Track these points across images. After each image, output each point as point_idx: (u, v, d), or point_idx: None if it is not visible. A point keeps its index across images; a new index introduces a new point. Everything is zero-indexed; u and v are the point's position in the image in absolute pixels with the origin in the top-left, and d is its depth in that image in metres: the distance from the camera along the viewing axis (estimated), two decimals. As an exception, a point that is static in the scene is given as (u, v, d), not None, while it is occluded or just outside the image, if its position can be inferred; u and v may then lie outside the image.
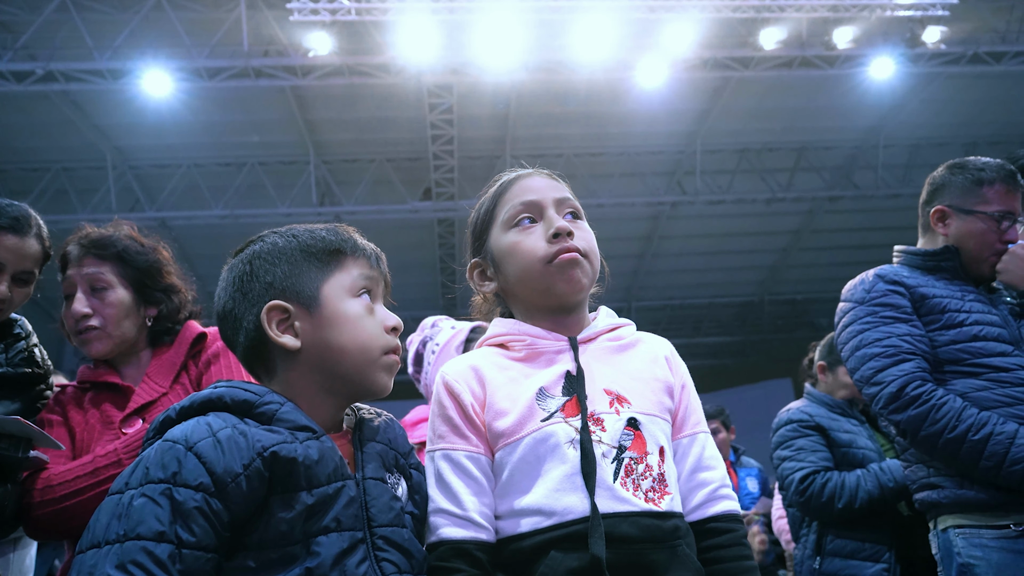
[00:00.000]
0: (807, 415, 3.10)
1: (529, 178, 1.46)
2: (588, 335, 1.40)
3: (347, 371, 1.25)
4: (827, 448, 3.00)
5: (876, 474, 2.81)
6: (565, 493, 1.22)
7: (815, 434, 3.03)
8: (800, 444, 2.95)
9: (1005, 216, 2.26)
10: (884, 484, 2.78)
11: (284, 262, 1.27)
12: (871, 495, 2.75)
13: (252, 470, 1.08)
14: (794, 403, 3.30)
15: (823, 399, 3.23)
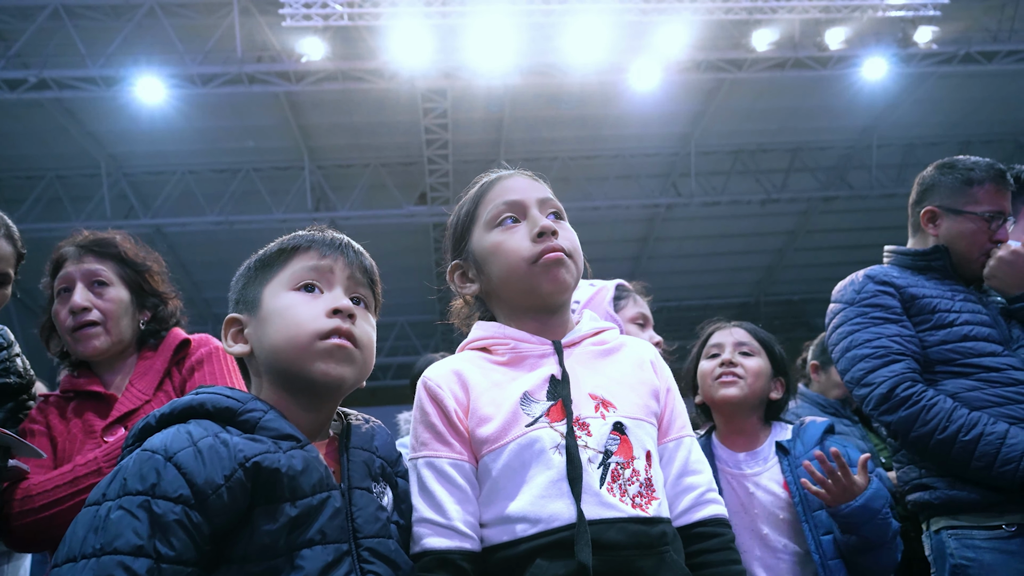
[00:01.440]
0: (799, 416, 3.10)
1: (511, 178, 1.45)
2: (572, 339, 1.38)
3: (285, 365, 1.22)
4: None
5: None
6: (551, 499, 1.20)
7: None
8: None
9: (995, 216, 2.26)
10: None
11: (243, 277, 1.31)
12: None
13: (234, 481, 1.06)
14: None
15: (816, 399, 3.23)
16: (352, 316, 1.25)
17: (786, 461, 2.03)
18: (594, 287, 2.05)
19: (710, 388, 2.12)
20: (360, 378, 1.28)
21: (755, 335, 2.21)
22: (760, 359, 2.15)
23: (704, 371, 2.16)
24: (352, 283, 1.30)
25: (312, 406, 1.24)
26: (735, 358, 2.11)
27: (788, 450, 2.04)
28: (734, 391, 2.07)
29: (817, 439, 2.05)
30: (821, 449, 1.97)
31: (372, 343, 1.31)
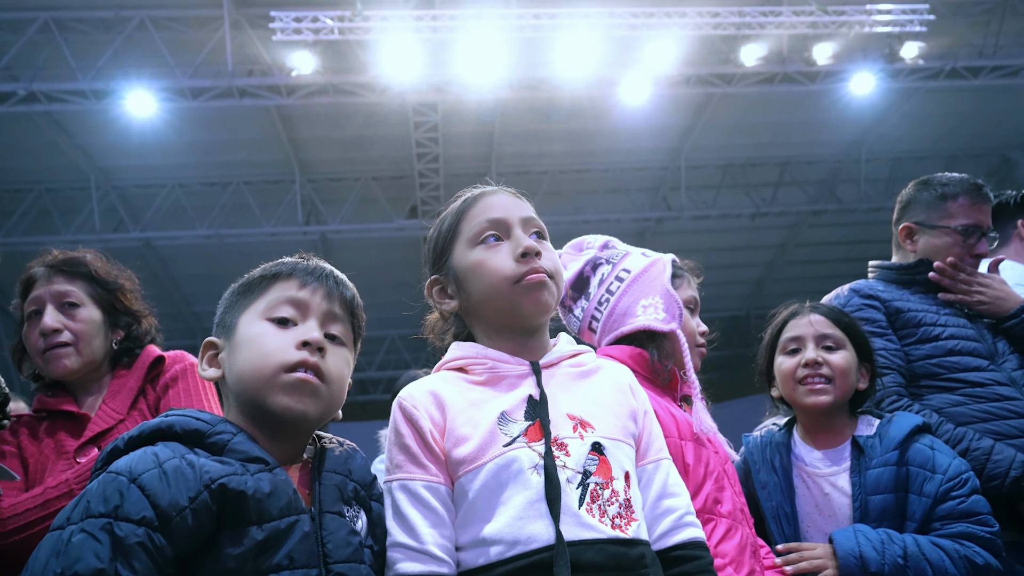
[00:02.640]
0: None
1: (494, 195, 1.44)
2: (550, 360, 1.37)
3: (250, 395, 1.21)
4: None
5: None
6: (529, 520, 1.18)
7: None
8: None
9: (970, 229, 2.27)
10: None
11: (226, 301, 1.31)
12: None
13: (199, 503, 1.04)
14: (767, 421, 3.28)
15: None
16: (322, 350, 1.23)
17: (858, 460, 1.84)
18: (647, 257, 1.83)
19: (794, 392, 1.92)
20: (327, 413, 1.26)
21: (838, 322, 1.95)
22: (846, 351, 1.91)
23: (785, 371, 1.95)
24: (328, 317, 1.28)
25: (277, 436, 1.22)
26: (820, 355, 1.89)
27: (863, 449, 1.85)
28: (824, 398, 1.86)
29: (898, 441, 1.82)
30: (904, 456, 1.78)
31: (343, 378, 1.29)
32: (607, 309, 1.76)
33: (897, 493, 1.80)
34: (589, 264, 1.82)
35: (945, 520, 1.77)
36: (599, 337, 1.78)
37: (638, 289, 1.76)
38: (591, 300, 1.79)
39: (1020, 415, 2.08)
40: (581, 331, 1.83)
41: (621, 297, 1.76)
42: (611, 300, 1.76)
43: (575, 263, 1.84)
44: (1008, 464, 1.94)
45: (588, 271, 1.82)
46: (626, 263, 1.81)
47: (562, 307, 1.83)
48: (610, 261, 1.82)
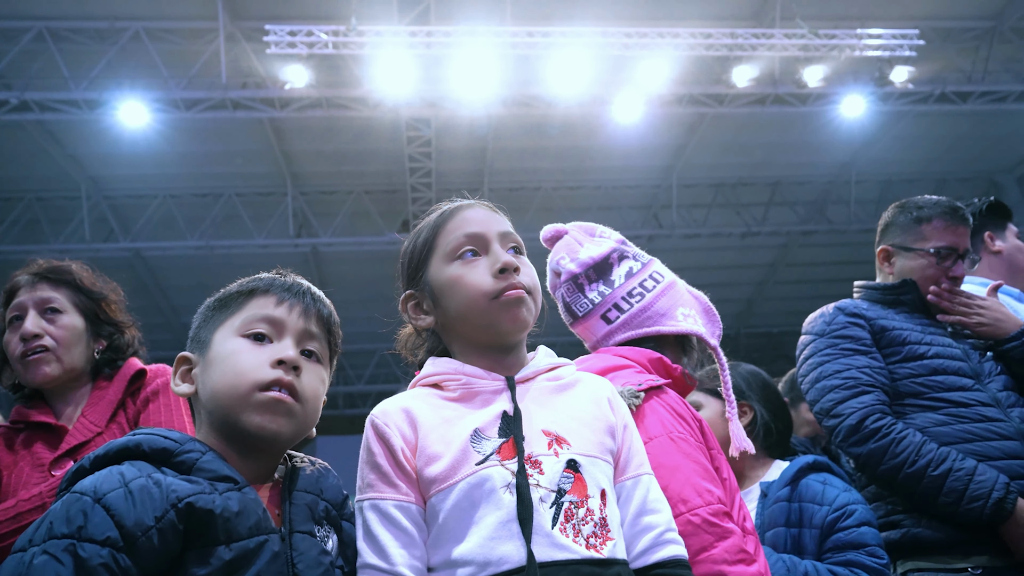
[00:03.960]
0: None
1: (471, 209, 1.41)
2: (526, 375, 1.34)
3: (223, 413, 1.19)
4: None
5: None
6: (500, 541, 1.15)
7: None
8: None
9: (944, 252, 2.27)
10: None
11: (201, 315, 1.29)
12: None
13: (165, 523, 1.02)
14: (756, 441, 3.29)
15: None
16: (298, 368, 1.22)
17: (762, 501, 1.94)
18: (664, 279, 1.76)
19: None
20: (300, 432, 1.24)
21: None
22: None
23: None
24: (305, 335, 1.27)
25: (249, 454, 1.21)
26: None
27: (767, 492, 1.95)
28: None
29: (788, 478, 1.95)
30: (795, 491, 1.88)
31: (317, 397, 1.27)
32: (640, 304, 1.68)
33: (790, 527, 1.89)
34: (616, 252, 1.74)
35: (833, 550, 1.88)
36: (616, 327, 1.68)
37: (674, 295, 1.71)
38: (616, 288, 1.70)
39: (1003, 436, 2.07)
40: (589, 315, 1.72)
41: (659, 297, 1.69)
42: (646, 296, 1.69)
43: (598, 246, 1.75)
44: (990, 486, 1.94)
45: (614, 256, 1.73)
46: (656, 267, 1.76)
47: (574, 283, 1.73)
48: (637, 258, 1.75)
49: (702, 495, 1.37)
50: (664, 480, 1.37)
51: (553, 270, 1.79)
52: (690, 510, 1.35)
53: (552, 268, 1.80)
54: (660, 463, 1.39)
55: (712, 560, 1.31)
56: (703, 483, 1.39)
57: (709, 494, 1.38)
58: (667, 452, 1.42)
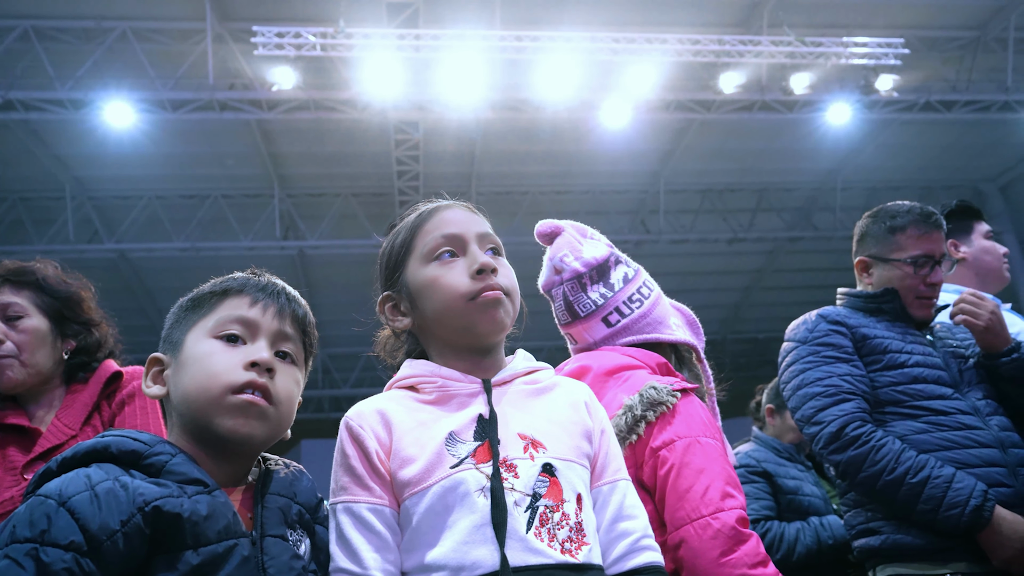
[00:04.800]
0: (754, 460, 3.09)
1: (449, 210, 1.40)
2: (503, 377, 1.33)
3: (195, 415, 1.17)
4: (772, 496, 2.98)
5: (816, 529, 2.81)
6: (474, 546, 1.13)
7: (761, 480, 3.02)
8: (744, 491, 2.96)
9: (920, 260, 2.28)
10: (823, 540, 2.77)
11: (173, 315, 1.27)
12: (809, 549, 2.74)
13: (131, 527, 1.00)
14: (742, 446, 3.29)
15: (771, 443, 3.23)
16: (271, 370, 1.20)
17: None
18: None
19: None
20: (274, 435, 1.22)
21: None
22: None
23: None
24: (279, 336, 1.25)
25: (222, 457, 1.19)
26: None
27: None
28: None
29: None
30: None
31: (292, 399, 1.25)
32: (641, 310, 1.72)
33: None
34: (613, 256, 1.78)
35: None
36: (617, 331, 1.71)
37: (664, 306, 1.77)
38: (617, 292, 1.73)
39: (982, 444, 2.09)
40: (591, 316, 1.73)
41: (655, 306, 1.74)
42: (644, 303, 1.73)
43: (598, 248, 1.78)
44: (968, 493, 1.95)
45: (612, 262, 1.76)
46: (646, 276, 1.81)
47: (577, 282, 1.74)
48: (629, 264, 1.80)
49: (726, 499, 1.38)
50: (689, 481, 1.39)
51: (555, 267, 1.78)
52: (712, 513, 1.36)
53: (553, 264, 1.79)
54: (687, 463, 1.41)
55: (733, 564, 1.32)
56: (728, 488, 1.40)
57: (733, 499, 1.39)
58: (695, 453, 1.43)
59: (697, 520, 1.36)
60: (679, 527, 1.38)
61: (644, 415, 1.48)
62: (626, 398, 1.51)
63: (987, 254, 2.76)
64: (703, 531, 1.35)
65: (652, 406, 1.48)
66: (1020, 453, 2.11)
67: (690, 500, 1.38)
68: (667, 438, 1.45)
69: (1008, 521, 1.95)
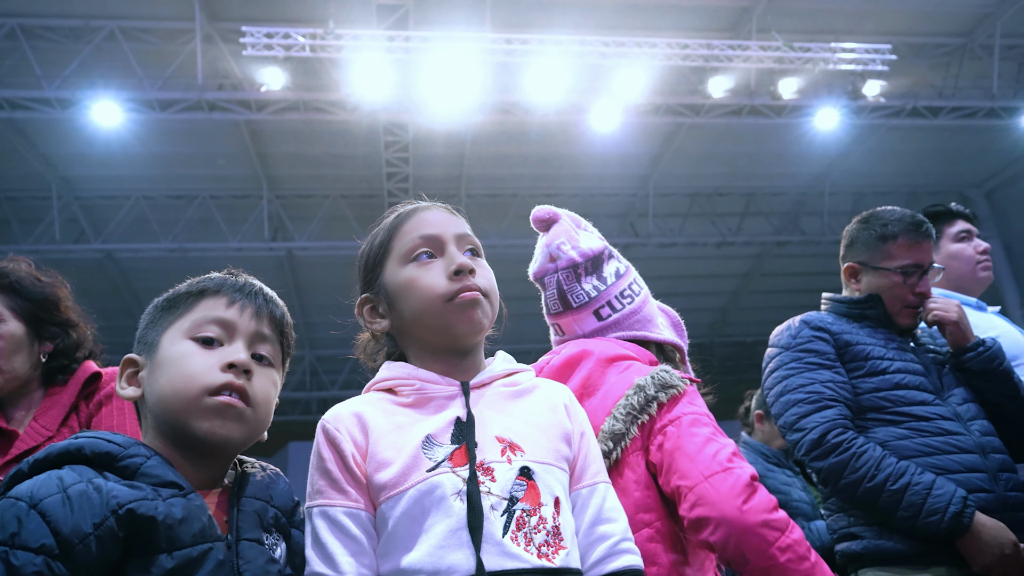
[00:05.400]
0: None
1: (428, 211, 1.39)
2: (482, 380, 1.32)
3: (171, 417, 1.16)
4: None
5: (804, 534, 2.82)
6: (450, 550, 1.13)
7: None
8: None
9: (910, 270, 2.29)
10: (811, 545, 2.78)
11: (148, 315, 1.26)
12: None
13: (104, 530, 0.99)
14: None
15: (760, 448, 3.25)
16: (249, 372, 1.19)
17: None
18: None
19: None
20: (251, 437, 1.21)
21: None
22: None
23: None
24: (257, 337, 1.24)
25: (198, 460, 1.17)
26: None
27: None
28: None
29: None
30: None
31: (269, 401, 1.24)
32: (632, 306, 1.72)
33: None
34: (607, 250, 1.77)
35: None
36: (607, 325, 1.70)
37: (652, 306, 1.77)
38: (610, 286, 1.72)
39: (963, 450, 2.10)
40: (583, 307, 1.72)
41: (644, 304, 1.74)
42: (635, 300, 1.73)
43: (593, 240, 1.77)
44: (948, 500, 1.96)
45: (606, 255, 1.76)
46: (636, 274, 1.80)
47: (573, 271, 1.72)
48: (621, 260, 1.79)
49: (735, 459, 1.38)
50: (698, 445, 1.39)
51: (550, 254, 1.76)
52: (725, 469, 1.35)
53: (550, 252, 1.76)
54: (694, 433, 1.42)
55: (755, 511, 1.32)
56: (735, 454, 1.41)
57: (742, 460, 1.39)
58: (702, 425, 1.44)
59: (712, 476, 1.35)
60: (694, 486, 1.36)
61: (656, 396, 1.47)
62: (638, 378, 1.50)
63: (955, 259, 2.74)
64: (720, 484, 1.33)
65: (664, 388, 1.48)
66: (1000, 458, 2.12)
67: (702, 459, 1.37)
68: (674, 415, 1.46)
69: (988, 527, 1.96)
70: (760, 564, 1.29)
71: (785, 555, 1.30)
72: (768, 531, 1.30)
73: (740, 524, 1.30)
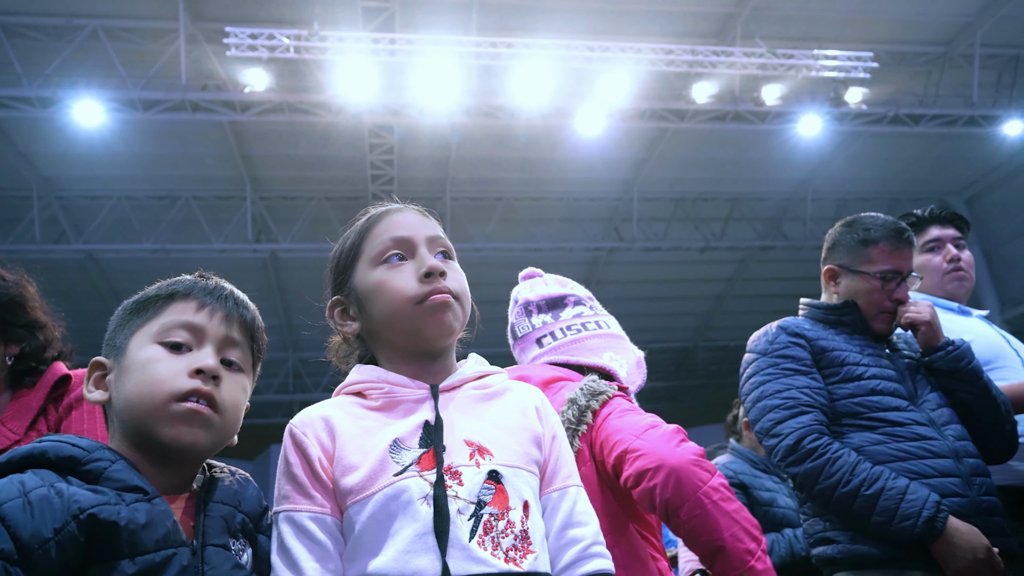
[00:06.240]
0: (731, 472, 3.11)
1: (400, 213, 1.39)
2: (452, 383, 1.31)
3: (137, 422, 1.14)
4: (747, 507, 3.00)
5: (790, 540, 2.83)
6: (416, 555, 1.12)
7: (737, 491, 3.05)
8: None
9: (889, 275, 2.31)
10: (796, 551, 2.79)
11: (117, 318, 1.25)
12: (782, 560, 2.76)
13: (65, 535, 0.98)
14: (719, 458, 3.32)
15: (747, 455, 3.25)
16: (217, 378, 1.18)
17: None
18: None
19: None
20: (219, 443, 1.20)
21: None
22: None
23: None
24: (226, 342, 1.23)
25: (164, 465, 1.16)
26: None
27: None
28: None
29: None
30: None
31: (237, 407, 1.23)
32: (575, 337, 1.83)
33: None
34: (573, 297, 1.91)
35: None
36: (544, 352, 1.83)
37: (613, 344, 1.85)
38: (558, 319, 1.86)
39: (937, 455, 2.11)
40: (526, 337, 1.88)
41: (595, 337, 1.83)
42: (583, 333, 1.83)
43: (561, 287, 1.94)
44: (921, 504, 1.97)
45: (570, 300, 1.90)
46: (607, 319, 1.91)
47: (524, 309, 1.90)
48: (592, 308, 1.92)
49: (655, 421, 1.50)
50: (633, 419, 1.51)
51: (514, 298, 1.95)
52: (654, 424, 1.48)
53: (514, 296, 1.95)
54: (627, 412, 1.53)
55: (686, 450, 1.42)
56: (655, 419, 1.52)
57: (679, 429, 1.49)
58: (636, 410, 1.56)
59: (644, 432, 1.46)
60: (630, 444, 1.45)
61: (588, 404, 1.57)
62: (569, 393, 1.60)
63: (922, 271, 2.74)
64: (652, 434, 1.45)
65: (594, 395, 1.58)
66: (974, 463, 2.14)
67: (633, 425, 1.49)
68: (608, 411, 1.57)
69: (961, 532, 1.97)
70: (695, 501, 1.37)
71: (717, 494, 1.38)
72: (700, 470, 1.39)
73: (675, 461, 1.39)
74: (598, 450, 1.53)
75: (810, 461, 2.06)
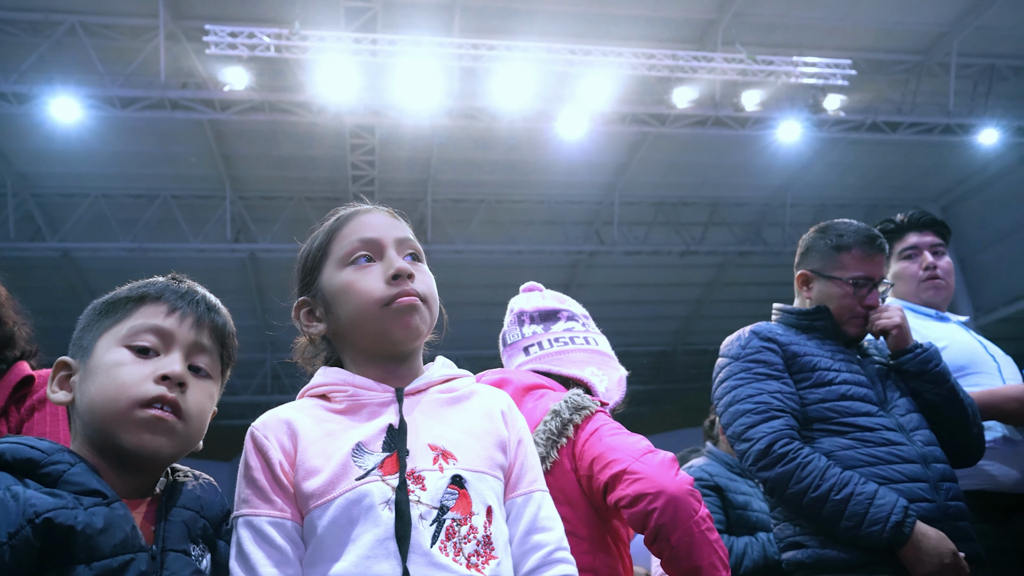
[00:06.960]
0: (707, 474, 3.13)
1: (369, 214, 1.38)
2: (418, 386, 1.30)
3: (99, 426, 1.13)
4: (722, 510, 3.02)
5: (763, 544, 2.85)
6: (376, 560, 1.11)
7: (712, 495, 3.06)
8: None
9: (861, 281, 2.32)
10: (770, 555, 2.80)
11: (86, 318, 1.23)
12: (755, 564, 2.77)
13: (19, 539, 0.96)
14: (695, 460, 3.34)
15: (723, 458, 3.27)
16: (183, 384, 1.16)
17: None
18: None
19: None
20: (183, 450, 1.19)
21: None
22: None
23: None
24: (195, 347, 1.21)
25: (125, 470, 1.14)
26: None
27: None
28: None
29: None
30: None
31: (203, 414, 1.21)
32: (560, 348, 1.86)
33: None
34: (567, 312, 1.95)
35: None
36: (529, 360, 1.86)
37: (597, 360, 1.87)
38: (548, 331, 1.90)
39: (905, 460, 2.14)
40: (514, 345, 1.92)
41: (581, 351, 1.87)
42: (569, 346, 1.87)
43: (558, 302, 1.99)
44: (889, 510, 1.99)
45: (563, 315, 1.94)
46: (598, 336, 1.95)
47: (517, 318, 1.94)
48: (585, 325, 1.96)
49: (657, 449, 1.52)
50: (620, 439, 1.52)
51: (509, 307, 2.01)
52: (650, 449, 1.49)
53: (510, 307, 2.01)
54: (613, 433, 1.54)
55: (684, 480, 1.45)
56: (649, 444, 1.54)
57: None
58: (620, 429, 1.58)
59: (642, 456, 1.47)
60: (627, 466, 1.46)
61: (571, 418, 1.57)
62: (553, 404, 1.60)
63: (898, 278, 2.78)
64: (651, 460, 1.46)
65: (577, 410, 1.59)
66: (942, 468, 2.16)
67: (629, 447, 1.50)
68: (592, 428, 1.57)
69: (928, 537, 1.99)
70: (686, 528, 1.40)
71: (704, 524, 1.43)
72: (694, 500, 1.43)
73: (675, 490, 1.42)
74: (584, 464, 1.54)
75: (781, 466, 2.07)
